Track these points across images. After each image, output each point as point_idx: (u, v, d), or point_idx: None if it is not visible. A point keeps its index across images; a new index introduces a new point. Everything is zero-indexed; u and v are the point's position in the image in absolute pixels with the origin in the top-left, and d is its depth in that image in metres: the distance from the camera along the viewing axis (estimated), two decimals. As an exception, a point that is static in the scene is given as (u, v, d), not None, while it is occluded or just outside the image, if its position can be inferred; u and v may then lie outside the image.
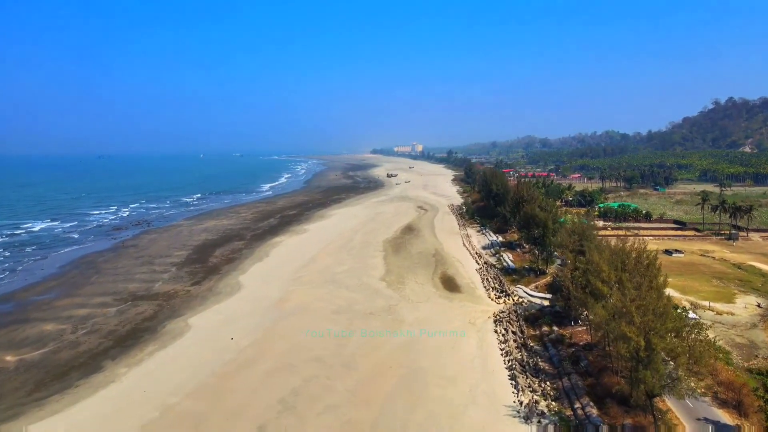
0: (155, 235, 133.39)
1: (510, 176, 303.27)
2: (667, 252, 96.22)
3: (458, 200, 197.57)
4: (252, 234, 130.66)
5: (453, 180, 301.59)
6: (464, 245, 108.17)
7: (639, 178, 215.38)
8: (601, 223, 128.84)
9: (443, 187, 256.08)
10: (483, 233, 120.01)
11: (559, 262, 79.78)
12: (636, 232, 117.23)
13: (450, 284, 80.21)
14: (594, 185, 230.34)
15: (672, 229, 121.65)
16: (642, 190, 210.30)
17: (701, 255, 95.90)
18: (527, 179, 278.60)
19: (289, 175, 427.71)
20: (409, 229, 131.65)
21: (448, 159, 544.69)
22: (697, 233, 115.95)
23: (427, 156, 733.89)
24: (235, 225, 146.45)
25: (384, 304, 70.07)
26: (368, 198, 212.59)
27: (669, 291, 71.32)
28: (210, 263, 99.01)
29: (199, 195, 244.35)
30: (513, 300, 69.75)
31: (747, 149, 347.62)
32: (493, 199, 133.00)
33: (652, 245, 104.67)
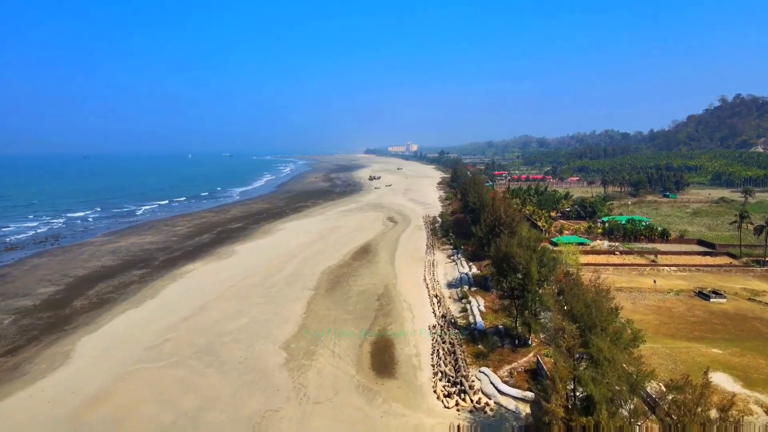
0: (46, 258, 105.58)
1: (502, 179, 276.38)
2: (702, 295, 68.88)
3: (438, 208, 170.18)
4: (166, 258, 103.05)
5: (439, 184, 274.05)
6: (425, 280, 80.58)
7: (646, 182, 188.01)
8: (606, 244, 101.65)
9: (425, 192, 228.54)
10: (454, 260, 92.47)
11: (548, 323, 52.47)
12: (653, 258, 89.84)
13: (382, 358, 52.66)
14: (595, 190, 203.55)
15: (698, 253, 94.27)
16: (650, 197, 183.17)
17: (750, 299, 68.51)
18: (520, 182, 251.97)
19: (271, 177, 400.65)
20: (364, 252, 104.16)
21: (439, 160, 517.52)
22: (732, 261, 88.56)
23: (420, 156, 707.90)
24: (156, 243, 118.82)
25: (257, 408, 42.48)
26: (336, 206, 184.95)
27: (722, 379, 44.32)
28: (69, 309, 71.27)
29: (165, 201, 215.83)
30: (471, 400, 42.30)
31: (760, 149, 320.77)
32: (470, 213, 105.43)
33: (678, 280, 77.31)
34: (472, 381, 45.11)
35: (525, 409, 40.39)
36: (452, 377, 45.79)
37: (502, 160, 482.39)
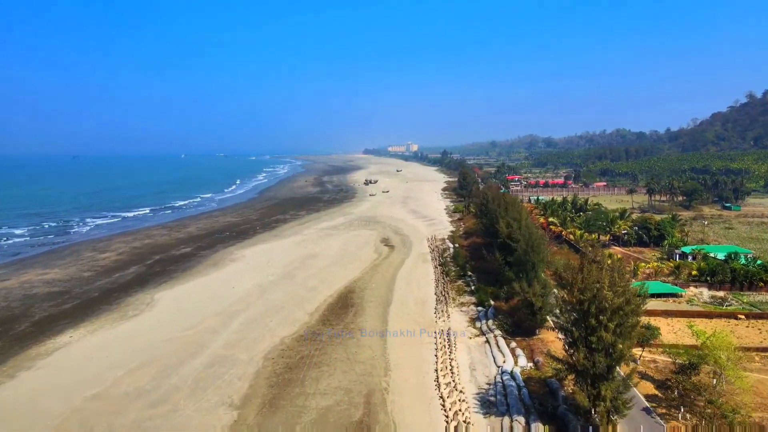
0: None
1: (516, 184, 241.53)
2: None
3: (445, 224, 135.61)
4: (46, 315, 68.70)
5: (443, 190, 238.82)
6: (438, 384, 45.76)
7: (702, 190, 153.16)
8: (705, 294, 67.36)
9: (428, 201, 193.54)
10: (482, 330, 57.58)
11: None
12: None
13: None
14: (636, 198, 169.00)
15: None
16: (707, 209, 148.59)
17: None
18: (538, 189, 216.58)
19: (260, 180, 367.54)
20: (342, 306, 69.54)
21: (441, 161, 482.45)
22: None
23: (420, 157, 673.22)
24: (54, 284, 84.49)
25: None
26: (319, 220, 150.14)
27: None
28: None
29: (127, 214, 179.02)
30: None
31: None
32: (500, 247, 70.58)
33: None
34: None
35: None
36: None
37: (508, 161, 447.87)
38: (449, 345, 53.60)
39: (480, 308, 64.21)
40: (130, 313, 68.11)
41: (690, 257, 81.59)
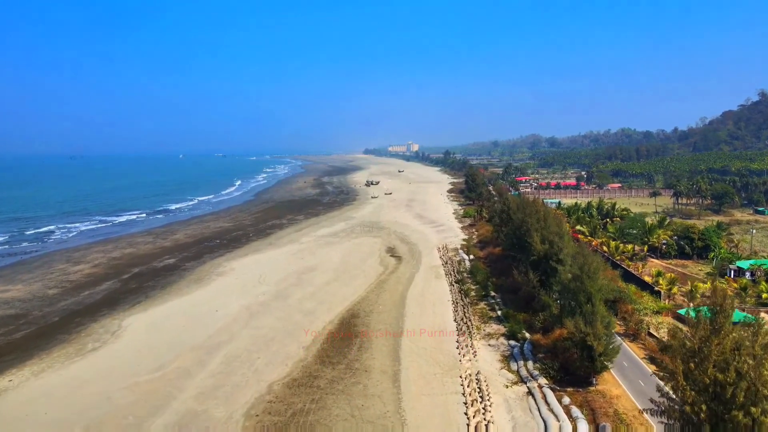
0: None
1: (526, 185, 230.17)
2: None
3: (456, 231, 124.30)
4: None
5: (449, 192, 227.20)
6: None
7: (734, 193, 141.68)
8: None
9: (434, 204, 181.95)
10: (520, 373, 46.15)
11: None
12: None
13: None
14: (660, 201, 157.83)
15: None
16: (738, 214, 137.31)
17: None
18: (549, 190, 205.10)
19: (260, 179, 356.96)
20: (345, 337, 58.15)
21: (444, 161, 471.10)
22: None
23: (422, 157, 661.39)
24: (11, 305, 73.13)
25: None
26: (318, 225, 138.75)
27: None
28: None
29: (117, 218, 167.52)
30: None
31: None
32: (533, 265, 59.26)
33: None
34: None
35: None
36: None
37: (512, 161, 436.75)
38: (481, 396, 42.19)
39: (513, 342, 52.77)
40: (89, 346, 56.69)
41: (748, 274, 70.17)
